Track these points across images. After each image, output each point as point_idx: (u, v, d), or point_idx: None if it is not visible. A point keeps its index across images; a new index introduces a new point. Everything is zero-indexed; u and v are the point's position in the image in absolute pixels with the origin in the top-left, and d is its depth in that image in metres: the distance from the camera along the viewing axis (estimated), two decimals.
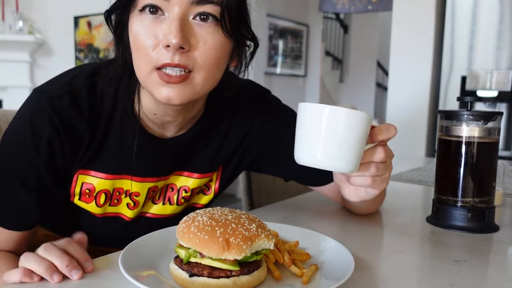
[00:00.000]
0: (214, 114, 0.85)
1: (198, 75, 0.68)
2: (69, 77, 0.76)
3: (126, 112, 0.77)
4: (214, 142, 0.87)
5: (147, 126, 0.79)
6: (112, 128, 0.77)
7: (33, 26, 3.93)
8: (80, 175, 0.78)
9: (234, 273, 0.56)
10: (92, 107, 0.75)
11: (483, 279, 0.66)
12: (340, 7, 4.72)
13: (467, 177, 0.86)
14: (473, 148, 0.86)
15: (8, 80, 3.84)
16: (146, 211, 0.87)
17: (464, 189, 0.87)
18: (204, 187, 0.92)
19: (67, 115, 0.72)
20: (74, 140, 0.74)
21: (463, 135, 0.86)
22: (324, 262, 0.65)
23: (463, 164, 0.86)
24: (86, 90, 0.75)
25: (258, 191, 1.37)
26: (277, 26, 4.91)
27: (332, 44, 6.69)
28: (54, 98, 0.72)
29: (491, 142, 0.87)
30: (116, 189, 0.81)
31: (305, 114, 0.63)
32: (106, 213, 0.84)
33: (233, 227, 0.57)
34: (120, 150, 0.78)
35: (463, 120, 0.86)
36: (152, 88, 0.69)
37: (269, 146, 0.92)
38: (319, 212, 1.00)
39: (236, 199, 4.50)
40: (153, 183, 0.83)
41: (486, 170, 0.87)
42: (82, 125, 0.74)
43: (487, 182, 0.87)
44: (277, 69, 5.00)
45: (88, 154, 0.77)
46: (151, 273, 0.60)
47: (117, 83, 0.77)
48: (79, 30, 3.93)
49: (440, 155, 0.91)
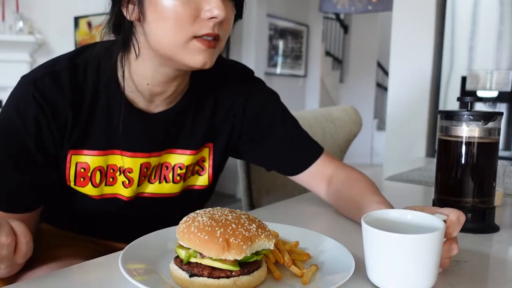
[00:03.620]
0: (199, 88, 0.89)
1: (221, 41, 0.77)
2: (51, 62, 0.81)
3: (111, 88, 0.81)
4: (202, 117, 0.90)
5: (134, 101, 0.83)
6: (98, 105, 0.80)
7: (33, 26, 3.92)
8: (73, 156, 0.80)
9: (234, 273, 0.56)
10: (74, 85, 0.79)
11: (484, 279, 0.66)
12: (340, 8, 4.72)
13: (467, 178, 0.86)
14: (473, 148, 0.85)
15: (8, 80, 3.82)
16: (143, 191, 0.88)
17: (464, 190, 0.86)
18: (198, 167, 0.93)
19: (49, 94, 0.76)
20: (59, 117, 0.77)
21: (463, 136, 0.86)
22: (324, 262, 0.65)
23: (463, 164, 0.86)
24: (67, 71, 0.79)
25: (258, 191, 1.37)
26: (277, 26, 4.91)
27: (332, 44, 6.69)
28: (36, 80, 0.77)
29: (491, 143, 0.87)
30: (109, 166, 0.83)
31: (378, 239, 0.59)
32: (103, 194, 0.85)
33: (233, 227, 0.57)
34: (108, 125, 0.81)
35: (463, 120, 0.86)
36: (186, 55, 0.74)
37: (252, 124, 0.95)
38: (319, 212, 1.00)
39: (236, 199, 4.50)
40: (145, 158, 0.85)
41: (486, 170, 0.87)
42: (64, 102, 0.77)
43: (487, 182, 0.87)
44: (277, 69, 5.00)
45: (76, 132, 0.79)
46: (151, 273, 0.59)
47: (98, 62, 0.81)
48: (79, 30, 3.93)
49: (440, 155, 0.91)
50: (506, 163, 1.10)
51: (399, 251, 0.57)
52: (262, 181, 1.39)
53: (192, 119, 0.89)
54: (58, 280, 0.61)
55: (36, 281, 0.64)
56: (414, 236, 0.56)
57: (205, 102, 0.91)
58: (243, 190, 1.35)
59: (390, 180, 1.36)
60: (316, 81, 5.46)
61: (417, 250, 0.57)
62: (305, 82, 5.44)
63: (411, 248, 0.56)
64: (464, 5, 2.35)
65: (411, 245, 0.56)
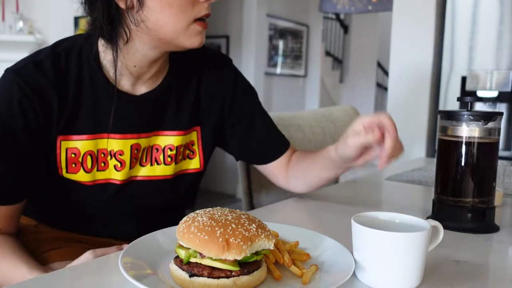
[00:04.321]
0: (179, 69, 0.93)
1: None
2: (33, 54, 0.84)
3: (94, 72, 0.83)
4: (186, 98, 0.94)
5: (119, 84, 0.86)
6: (82, 89, 0.83)
7: (33, 26, 3.92)
8: (63, 141, 0.82)
9: (234, 273, 0.56)
10: (57, 71, 0.81)
11: (483, 279, 0.66)
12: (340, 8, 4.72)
13: (467, 178, 0.86)
14: (473, 149, 0.85)
15: None
16: (135, 174, 0.90)
17: (464, 190, 0.86)
18: (189, 151, 0.96)
19: (33, 80, 0.78)
20: (44, 102, 0.79)
21: (463, 136, 0.85)
22: (324, 262, 0.65)
23: (463, 164, 0.86)
24: (50, 59, 0.82)
25: (258, 191, 1.37)
26: (277, 26, 4.91)
27: (332, 44, 6.69)
28: (20, 69, 0.80)
29: (491, 143, 0.87)
30: (100, 150, 0.85)
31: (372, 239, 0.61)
32: (96, 180, 0.85)
33: (233, 227, 0.57)
34: (94, 109, 0.84)
35: (463, 120, 0.85)
36: (188, 38, 0.81)
37: (239, 110, 1.00)
38: (319, 212, 1.00)
39: (236, 199, 4.50)
40: (134, 139, 0.87)
41: (486, 170, 0.87)
42: (49, 87, 0.79)
43: (487, 182, 0.87)
44: (277, 69, 5.00)
45: (64, 118, 0.81)
46: (151, 273, 0.59)
47: (79, 49, 0.84)
48: (79, 31, 3.93)
49: (440, 156, 0.91)
50: (506, 163, 1.10)
51: (387, 249, 0.59)
52: (262, 181, 1.39)
53: (176, 99, 0.92)
54: (58, 281, 0.61)
55: (35, 282, 0.64)
56: (402, 234, 0.58)
57: (188, 83, 0.94)
58: (243, 190, 1.35)
59: (390, 180, 1.36)
60: (316, 81, 5.45)
61: (404, 248, 0.58)
62: (305, 82, 5.44)
63: (399, 246, 0.58)
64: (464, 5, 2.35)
65: (399, 243, 0.58)
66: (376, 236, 0.59)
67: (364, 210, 0.67)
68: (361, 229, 0.60)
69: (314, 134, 1.54)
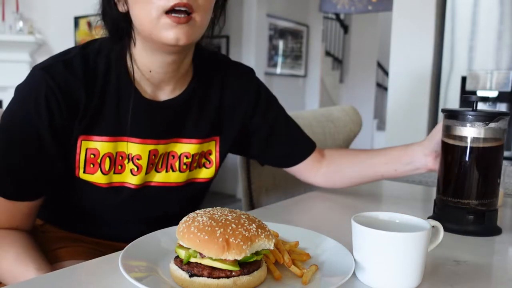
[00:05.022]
0: (203, 78, 0.92)
1: (198, 15, 0.76)
2: (63, 52, 0.84)
3: (120, 75, 0.83)
4: (208, 107, 0.93)
5: (142, 89, 0.85)
6: (108, 91, 0.82)
7: (33, 26, 3.92)
8: (83, 141, 0.82)
9: (234, 273, 0.56)
10: (86, 71, 0.81)
11: (484, 280, 0.66)
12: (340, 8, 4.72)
13: (470, 179, 0.85)
14: (477, 150, 0.84)
15: (8, 80, 3.83)
16: (150, 179, 0.90)
17: (466, 191, 0.85)
18: (205, 160, 0.95)
19: (62, 78, 0.78)
20: (71, 101, 0.79)
21: (468, 136, 0.84)
22: (324, 262, 0.65)
23: (466, 166, 0.85)
24: (79, 58, 0.81)
25: (258, 191, 1.37)
26: (277, 26, 4.91)
27: (332, 44, 6.69)
28: (49, 67, 0.79)
29: (496, 145, 0.85)
30: (118, 153, 0.85)
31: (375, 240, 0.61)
32: (111, 182, 0.86)
33: (233, 227, 0.57)
34: (117, 112, 0.83)
35: (468, 120, 0.83)
36: (160, 32, 0.76)
37: (261, 120, 1.00)
38: (319, 212, 1.00)
39: (236, 199, 4.50)
40: (153, 145, 0.87)
41: (490, 172, 0.85)
42: (77, 86, 0.79)
43: (491, 184, 0.86)
44: (277, 69, 5.00)
45: (87, 117, 0.81)
46: (151, 273, 0.59)
47: (108, 51, 0.84)
48: (79, 30, 3.93)
49: (443, 155, 0.90)
50: (506, 163, 1.10)
51: (387, 249, 0.59)
52: (262, 181, 1.39)
53: (197, 108, 0.91)
54: (58, 281, 0.61)
55: (35, 282, 0.64)
56: (402, 234, 0.58)
57: (211, 92, 0.93)
58: (243, 190, 1.35)
59: (390, 180, 1.36)
60: (316, 81, 5.45)
61: (404, 248, 0.58)
62: (305, 82, 5.44)
63: (399, 246, 0.58)
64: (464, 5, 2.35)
65: (399, 243, 0.58)
66: (376, 236, 0.59)
67: (364, 210, 0.67)
68: (361, 229, 0.60)
69: (314, 134, 1.54)
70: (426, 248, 0.60)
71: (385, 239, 0.58)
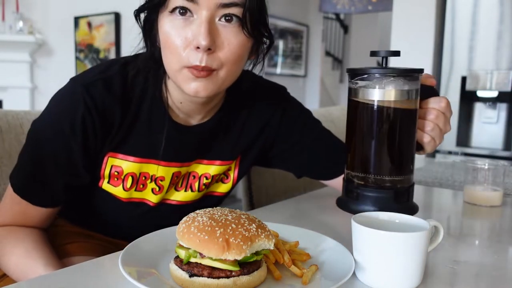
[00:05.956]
0: (233, 103, 0.91)
1: (221, 71, 0.75)
2: (103, 67, 0.83)
3: (155, 99, 0.83)
4: (234, 130, 0.92)
5: (174, 113, 0.85)
6: (141, 114, 0.82)
7: (33, 26, 3.92)
8: (110, 158, 0.82)
9: (234, 273, 0.56)
10: (124, 92, 0.80)
11: (483, 280, 0.66)
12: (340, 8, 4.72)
13: (379, 151, 0.72)
14: (387, 115, 0.70)
15: (8, 80, 3.84)
16: (169, 197, 0.91)
17: (372, 165, 0.73)
18: (223, 175, 0.96)
19: (100, 98, 0.78)
20: (106, 122, 0.79)
21: (375, 99, 0.71)
22: (324, 262, 0.65)
23: (375, 134, 0.71)
24: (119, 77, 0.80)
25: (258, 191, 1.37)
26: (277, 26, 4.91)
27: (332, 44, 6.69)
28: (89, 85, 0.78)
29: (409, 109, 0.71)
30: (142, 174, 0.85)
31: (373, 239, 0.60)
32: (131, 198, 0.87)
33: (233, 227, 0.57)
34: (148, 135, 0.83)
35: (375, 80, 0.70)
36: (181, 83, 0.76)
37: (286, 137, 0.98)
38: (320, 212, 1.00)
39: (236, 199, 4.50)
40: (177, 168, 0.87)
41: (404, 141, 0.73)
42: (114, 107, 0.79)
43: (405, 157, 0.73)
44: (277, 70, 5.00)
45: (118, 137, 0.81)
46: (151, 273, 0.60)
47: (146, 73, 0.83)
48: (79, 30, 3.93)
49: (349, 123, 0.76)
50: (506, 163, 1.10)
51: (387, 249, 0.59)
52: (262, 181, 1.39)
53: (224, 131, 0.91)
54: (58, 280, 0.61)
55: (36, 281, 0.64)
56: (402, 234, 0.58)
57: (238, 115, 0.93)
58: (243, 190, 1.35)
59: None
60: (316, 81, 5.46)
61: (404, 248, 0.58)
62: (305, 82, 5.44)
63: (399, 246, 0.58)
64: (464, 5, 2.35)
65: (399, 243, 0.58)
66: (376, 236, 0.59)
67: None
68: (361, 229, 0.60)
69: None
70: (426, 248, 0.60)
71: (385, 239, 0.58)
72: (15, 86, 3.86)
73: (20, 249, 0.79)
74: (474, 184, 1.06)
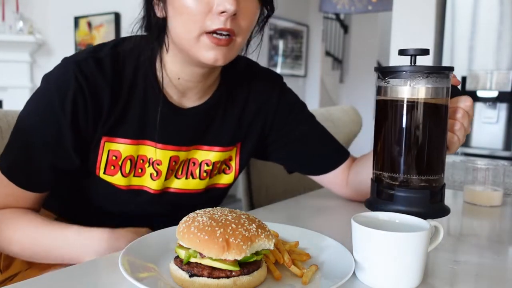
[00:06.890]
0: (229, 85, 0.92)
1: (239, 38, 0.76)
2: (94, 48, 0.83)
3: (148, 78, 0.83)
4: (231, 114, 0.92)
5: (168, 95, 0.85)
6: (134, 95, 0.82)
7: (33, 26, 3.92)
8: (107, 143, 0.82)
9: (234, 273, 0.56)
10: (115, 72, 0.80)
11: (483, 280, 0.66)
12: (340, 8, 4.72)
13: (409, 150, 0.69)
14: (416, 111, 0.69)
15: (8, 80, 3.84)
16: (169, 186, 0.90)
17: (402, 165, 0.70)
18: (225, 166, 0.95)
19: (92, 76, 0.78)
20: (98, 101, 0.79)
21: (404, 97, 0.69)
22: (324, 262, 0.65)
23: (405, 132, 0.69)
24: (110, 58, 0.81)
25: (258, 191, 1.37)
26: (277, 26, 4.91)
27: (332, 44, 6.69)
28: (81, 61, 0.78)
29: (438, 104, 0.70)
30: (140, 156, 0.85)
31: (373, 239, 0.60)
32: (131, 185, 0.86)
33: (233, 227, 0.57)
34: (142, 116, 0.83)
35: (405, 77, 0.69)
36: (198, 51, 0.75)
37: (282, 124, 0.98)
38: (320, 212, 1.00)
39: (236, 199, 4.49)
40: (174, 151, 0.87)
41: (433, 139, 0.70)
42: (105, 87, 0.79)
43: (435, 156, 0.70)
44: (277, 69, 5.00)
45: (112, 119, 0.81)
46: (151, 273, 0.60)
47: (138, 53, 0.83)
48: (79, 30, 3.93)
49: (377, 122, 0.73)
50: (506, 163, 1.10)
51: (387, 249, 0.59)
52: (262, 180, 1.39)
53: (221, 115, 0.91)
54: (58, 280, 0.61)
55: (35, 281, 0.64)
56: (402, 234, 0.58)
57: (236, 99, 0.93)
58: (243, 190, 1.35)
59: None
60: (316, 81, 5.45)
61: (404, 248, 0.58)
62: (305, 82, 5.44)
63: (399, 246, 0.58)
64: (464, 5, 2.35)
65: (399, 243, 0.58)
66: (376, 236, 0.59)
67: (364, 210, 0.67)
68: (361, 229, 0.60)
69: None
70: (426, 248, 0.60)
71: (385, 239, 0.58)
72: (15, 86, 3.86)
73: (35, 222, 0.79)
74: (474, 184, 1.06)
